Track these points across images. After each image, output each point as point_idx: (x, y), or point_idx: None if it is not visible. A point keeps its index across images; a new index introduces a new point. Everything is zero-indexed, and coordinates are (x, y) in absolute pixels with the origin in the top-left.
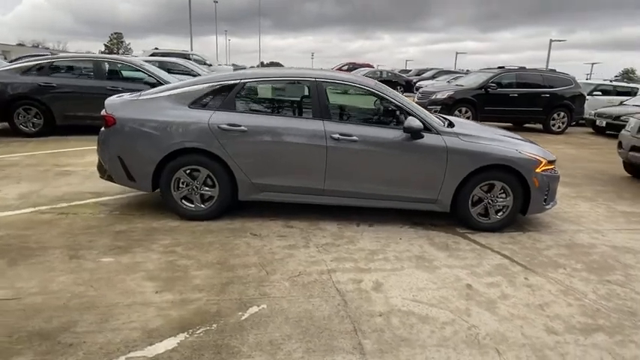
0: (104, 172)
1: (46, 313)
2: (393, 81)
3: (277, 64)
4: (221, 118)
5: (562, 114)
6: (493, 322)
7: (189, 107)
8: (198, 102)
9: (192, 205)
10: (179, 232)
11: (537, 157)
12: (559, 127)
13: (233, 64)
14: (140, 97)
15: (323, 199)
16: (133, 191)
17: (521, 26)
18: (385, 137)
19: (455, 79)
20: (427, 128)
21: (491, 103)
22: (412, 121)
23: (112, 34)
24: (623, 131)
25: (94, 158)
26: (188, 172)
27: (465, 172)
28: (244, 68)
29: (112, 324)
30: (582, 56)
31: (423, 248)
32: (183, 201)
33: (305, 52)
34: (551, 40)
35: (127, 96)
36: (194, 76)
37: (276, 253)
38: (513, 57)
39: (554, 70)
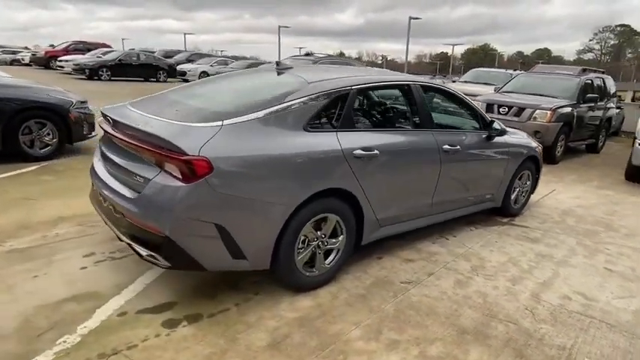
0: (172, 255)
1: None
2: (153, 64)
3: None
4: (349, 140)
5: None
6: None
7: (305, 130)
8: (313, 121)
9: (314, 270)
10: (348, 315)
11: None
12: None
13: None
14: (227, 122)
15: (429, 219)
16: (134, 275)
17: (221, 8)
18: (473, 142)
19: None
20: None
21: None
22: (497, 123)
23: None
24: None
25: None
26: (313, 224)
27: (518, 164)
28: (287, 65)
29: None
30: (274, 40)
31: (524, 246)
32: (305, 267)
33: None
34: (279, 27)
35: (156, 117)
36: None
37: (470, 297)
38: (216, 38)
39: (350, 58)
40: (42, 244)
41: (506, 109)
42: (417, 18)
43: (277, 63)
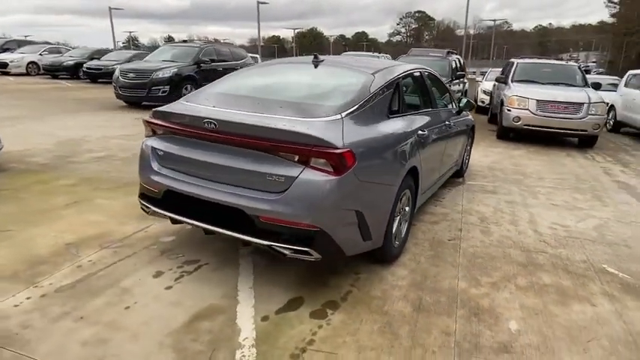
0: (325, 248)
1: None
2: None
3: None
4: (411, 123)
5: None
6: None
7: (388, 117)
8: (390, 108)
9: (397, 241)
10: (442, 273)
11: None
12: None
13: None
14: (344, 114)
15: (434, 188)
16: (227, 283)
17: None
18: (453, 116)
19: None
20: None
21: (206, 78)
22: (463, 100)
23: None
24: None
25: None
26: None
27: (468, 132)
28: (321, 58)
29: None
30: (81, 22)
31: (493, 198)
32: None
33: None
34: (110, 8)
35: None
36: None
37: (502, 241)
38: (3, 20)
39: (231, 44)
40: (87, 275)
41: None
42: (264, 2)
43: (315, 56)
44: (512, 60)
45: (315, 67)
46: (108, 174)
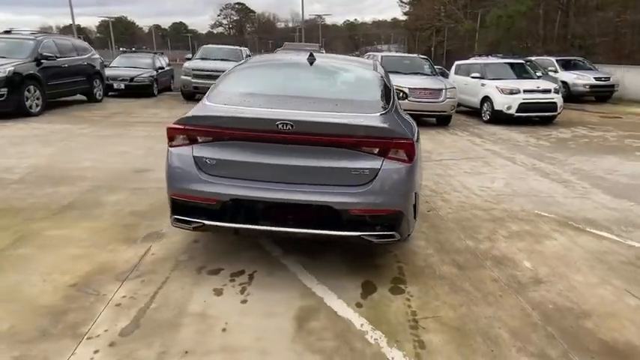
0: (404, 228)
1: None
2: None
3: None
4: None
5: (98, 81)
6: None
7: (399, 108)
8: (396, 100)
9: None
10: (453, 237)
11: None
12: (100, 95)
13: None
14: (391, 104)
15: None
16: (287, 284)
17: None
18: None
19: None
20: None
21: (51, 76)
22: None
23: None
24: None
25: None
26: None
27: None
28: (319, 54)
29: None
30: None
31: (425, 173)
32: None
33: None
34: None
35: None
36: None
37: (462, 206)
38: None
39: (69, 36)
40: (139, 310)
41: None
42: None
43: (311, 54)
44: (372, 53)
45: (311, 63)
46: (23, 201)
